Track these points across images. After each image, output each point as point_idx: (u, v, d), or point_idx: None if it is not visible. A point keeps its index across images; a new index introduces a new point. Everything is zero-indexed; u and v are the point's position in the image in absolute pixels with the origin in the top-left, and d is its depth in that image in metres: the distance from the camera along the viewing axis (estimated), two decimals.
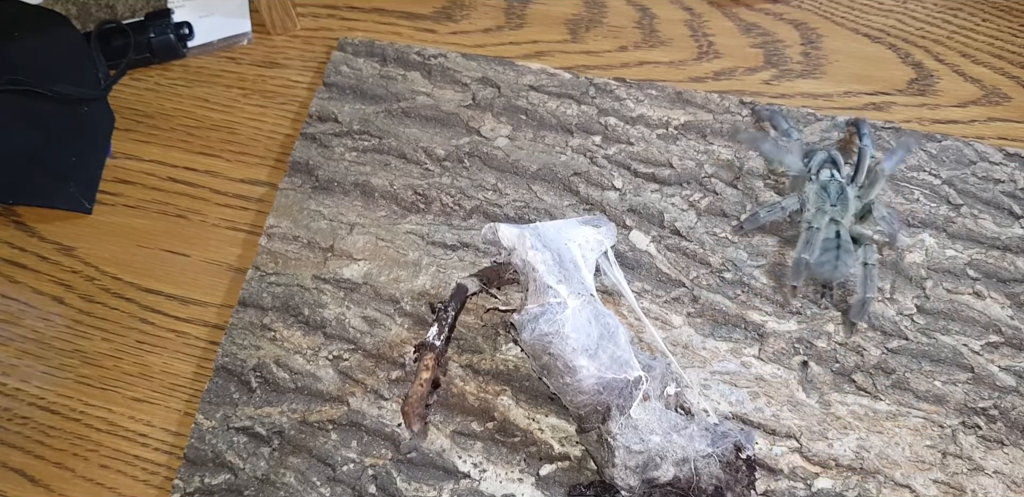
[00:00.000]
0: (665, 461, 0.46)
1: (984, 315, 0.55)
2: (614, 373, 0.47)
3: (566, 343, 0.46)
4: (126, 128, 0.68)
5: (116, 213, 0.64)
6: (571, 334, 0.46)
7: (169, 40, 0.68)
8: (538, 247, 0.48)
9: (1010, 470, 0.50)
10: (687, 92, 0.63)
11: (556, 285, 0.47)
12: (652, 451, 0.47)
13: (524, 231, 0.49)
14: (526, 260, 0.48)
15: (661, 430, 0.47)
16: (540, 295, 0.47)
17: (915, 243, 0.57)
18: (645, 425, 0.47)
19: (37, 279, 0.62)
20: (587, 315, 0.47)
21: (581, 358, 0.46)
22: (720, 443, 0.48)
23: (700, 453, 0.47)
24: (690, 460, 0.47)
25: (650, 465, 0.47)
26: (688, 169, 0.61)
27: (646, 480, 0.47)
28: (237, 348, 0.57)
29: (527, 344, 0.47)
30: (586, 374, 0.46)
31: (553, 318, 0.46)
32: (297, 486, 0.53)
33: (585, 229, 0.51)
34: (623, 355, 0.47)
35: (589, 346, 0.47)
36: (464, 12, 0.70)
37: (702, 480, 0.47)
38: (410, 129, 0.64)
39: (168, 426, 0.57)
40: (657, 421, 0.47)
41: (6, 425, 0.58)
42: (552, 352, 0.46)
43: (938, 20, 0.67)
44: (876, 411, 0.52)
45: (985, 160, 0.60)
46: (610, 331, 0.48)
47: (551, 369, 0.47)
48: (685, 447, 0.47)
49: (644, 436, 0.46)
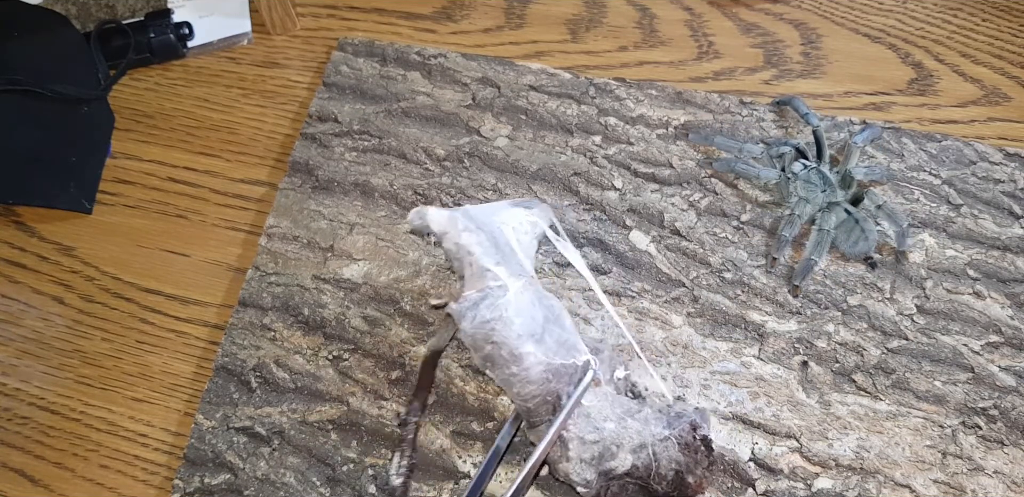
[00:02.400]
0: (621, 449, 0.44)
1: (984, 315, 0.55)
2: (562, 358, 0.44)
3: (510, 329, 0.43)
4: (126, 128, 0.68)
5: (116, 213, 0.64)
6: (515, 318, 0.43)
7: (169, 40, 0.68)
8: (471, 228, 0.45)
9: (1010, 470, 0.50)
10: (687, 92, 0.63)
11: (494, 267, 0.44)
12: (607, 439, 0.44)
13: (455, 214, 0.46)
14: (459, 243, 0.45)
15: (615, 416, 0.44)
16: (478, 279, 0.44)
17: (915, 243, 0.57)
18: (598, 412, 0.44)
19: (37, 279, 0.62)
20: (530, 297, 0.44)
21: (527, 344, 0.43)
22: (676, 424, 0.45)
23: (657, 437, 0.44)
24: (647, 445, 0.44)
25: (606, 455, 0.44)
26: (688, 169, 0.61)
27: (603, 472, 0.44)
28: (237, 348, 0.57)
29: (468, 334, 0.44)
30: (533, 361, 0.43)
31: (495, 303, 0.43)
32: (297, 486, 0.53)
33: (517, 211, 0.49)
34: (570, 338, 0.45)
35: (535, 331, 0.44)
36: (464, 12, 0.70)
37: (661, 466, 0.44)
38: (410, 129, 0.64)
39: (168, 426, 0.57)
40: (610, 407, 0.45)
41: (6, 425, 0.58)
42: (496, 340, 0.43)
43: (938, 20, 0.67)
44: (876, 411, 0.52)
45: (985, 160, 0.60)
46: (555, 314, 0.45)
47: (495, 359, 0.44)
48: (641, 431, 0.44)
49: (598, 424, 0.44)
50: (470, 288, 0.44)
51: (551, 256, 0.58)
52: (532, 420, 0.45)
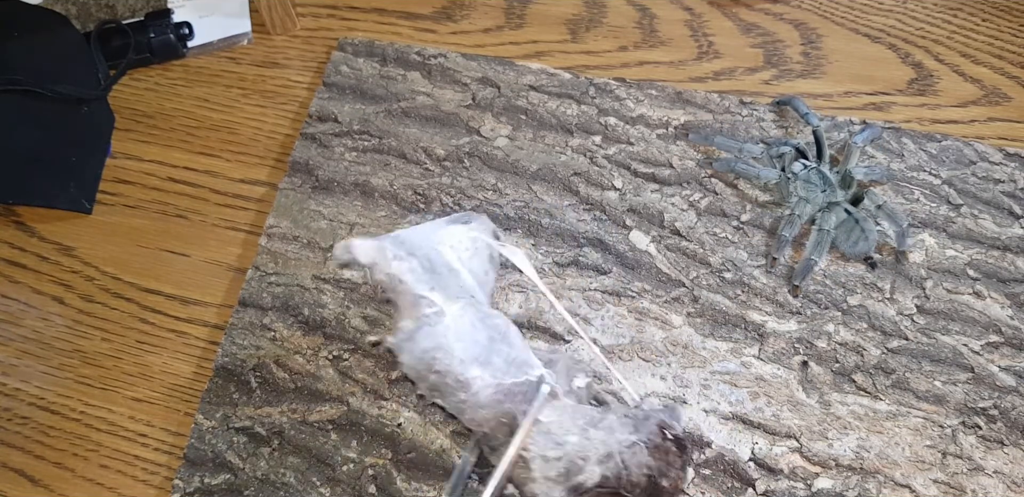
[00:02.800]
0: (588, 461, 0.42)
1: (984, 315, 0.55)
2: (513, 377, 0.42)
3: (452, 356, 0.42)
4: (126, 128, 0.68)
5: (116, 213, 0.64)
6: (455, 344, 0.42)
7: (169, 40, 0.68)
8: (402, 256, 0.44)
9: (1010, 470, 0.50)
10: (687, 92, 0.63)
11: (429, 293, 0.43)
12: (571, 454, 0.42)
13: (383, 242, 0.44)
14: (390, 273, 0.43)
15: (577, 428, 0.42)
16: (413, 307, 0.43)
17: (915, 243, 0.57)
18: (559, 427, 0.42)
19: (37, 279, 0.62)
20: (470, 319, 0.43)
21: (472, 368, 0.42)
22: (643, 427, 0.44)
23: (623, 444, 0.43)
24: (614, 454, 0.42)
25: (572, 470, 0.42)
26: (688, 169, 0.61)
27: (572, 488, 0.42)
28: (237, 348, 0.57)
29: (410, 367, 0.43)
30: (481, 385, 0.42)
31: (432, 331, 0.42)
32: (297, 486, 0.53)
33: (454, 229, 0.47)
34: (519, 355, 0.43)
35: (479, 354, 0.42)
36: (464, 12, 0.70)
37: (632, 473, 0.42)
38: (410, 129, 0.64)
39: (168, 426, 0.57)
40: (571, 419, 0.43)
41: (6, 425, 0.58)
42: (439, 369, 0.42)
43: (938, 20, 0.67)
44: (876, 411, 0.52)
45: (985, 160, 0.60)
46: (500, 332, 0.44)
47: (442, 388, 0.43)
48: (606, 441, 0.43)
49: (560, 439, 0.42)
50: (406, 317, 0.43)
51: (551, 256, 0.58)
52: (491, 444, 0.44)
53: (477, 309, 0.44)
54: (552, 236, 0.59)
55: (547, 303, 0.56)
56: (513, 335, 0.44)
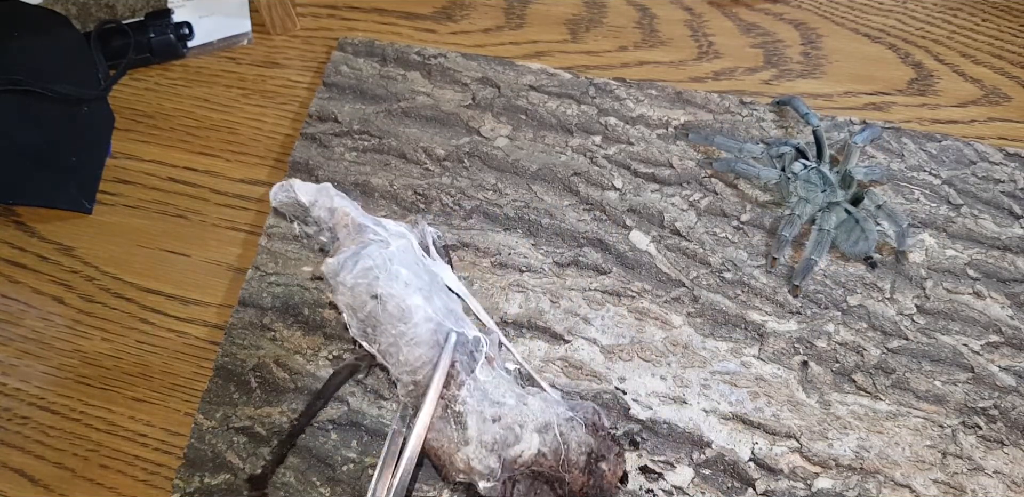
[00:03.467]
0: (525, 428, 0.39)
1: (984, 315, 0.55)
2: (453, 323, 0.39)
3: (396, 278, 0.38)
4: (126, 128, 0.68)
5: (116, 213, 0.64)
6: (401, 269, 0.39)
7: (169, 40, 0.68)
8: (344, 195, 0.42)
9: (1010, 470, 0.50)
10: (687, 92, 0.63)
11: (375, 226, 0.41)
12: (509, 418, 0.39)
13: (324, 184, 0.43)
14: (333, 208, 0.41)
15: (514, 394, 0.40)
16: (357, 235, 0.40)
17: (915, 243, 0.57)
18: (495, 388, 0.40)
19: (37, 279, 0.62)
20: (413, 258, 0.40)
21: (415, 296, 0.39)
22: (579, 409, 0.42)
23: (562, 417, 0.40)
24: (553, 425, 0.40)
25: (509, 438, 0.39)
26: (688, 169, 0.61)
27: (508, 460, 0.39)
28: (237, 348, 0.57)
29: (348, 288, 0.39)
30: (423, 317, 0.39)
31: (378, 251, 0.39)
32: (297, 486, 0.53)
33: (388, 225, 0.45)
34: (457, 309, 0.41)
35: (423, 286, 0.39)
36: (464, 12, 0.70)
37: (571, 450, 0.40)
38: (410, 129, 0.64)
39: (168, 426, 0.57)
40: (507, 386, 0.41)
41: (6, 425, 0.58)
42: (379, 292, 0.38)
43: (938, 20, 0.67)
44: (876, 411, 0.52)
45: (985, 160, 0.60)
46: (439, 284, 0.41)
47: (379, 318, 0.39)
48: (544, 410, 0.40)
49: (497, 399, 0.39)
50: (348, 245, 0.40)
51: (551, 256, 0.58)
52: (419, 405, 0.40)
53: (416, 255, 0.41)
54: (552, 236, 0.59)
55: (547, 303, 0.56)
56: (451, 293, 0.41)
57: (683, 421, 0.52)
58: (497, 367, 0.41)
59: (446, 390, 0.38)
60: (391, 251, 0.39)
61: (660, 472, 0.51)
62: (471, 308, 0.49)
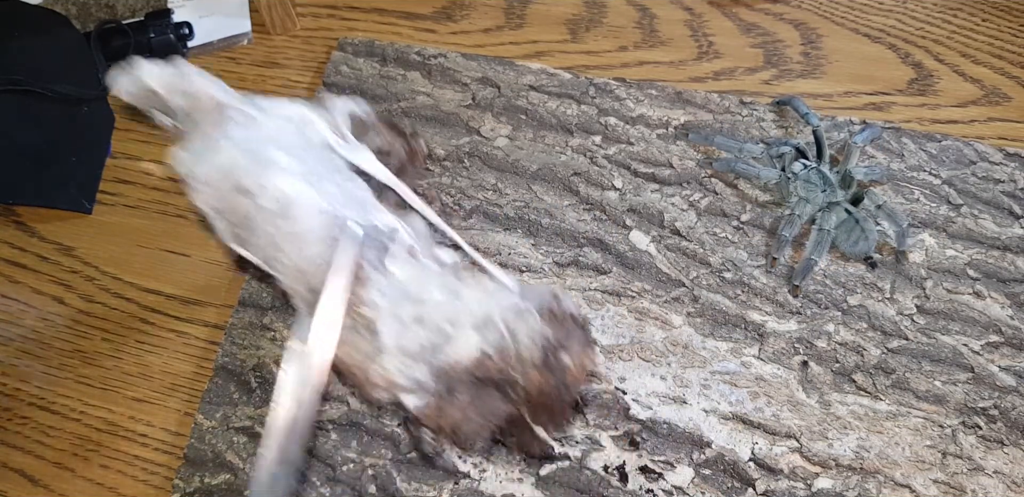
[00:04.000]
0: (459, 326, 0.31)
1: (984, 315, 0.55)
2: (357, 213, 0.32)
3: (269, 164, 0.30)
4: (126, 128, 0.68)
5: (116, 213, 0.64)
6: (275, 152, 0.31)
7: (169, 40, 0.68)
8: (206, 74, 0.34)
9: (1010, 470, 0.50)
10: (687, 92, 0.63)
11: (244, 106, 0.32)
12: (435, 316, 0.31)
13: (178, 62, 0.34)
14: (190, 91, 0.32)
15: (443, 287, 0.32)
16: (219, 118, 0.31)
17: (915, 243, 0.57)
18: (417, 283, 0.31)
19: (37, 279, 0.62)
20: (300, 141, 0.32)
21: (296, 182, 0.30)
22: (531, 294, 0.33)
23: (506, 307, 0.32)
24: (495, 320, 0.31)
25: (438, 341, 0.31)
26: (688, 169, 0.61)
27: (440, 368, 0.31)
28: (237, 348, 0.57)
29: (206, 185, 0.31)
30: (309, 208, 0.30)
31: (242, 133, 0.31)
32: (297, 486, 0.53)
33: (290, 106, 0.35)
34: (367, 197, 0.33)
35: (309, 171, 0.31)
36: (464, 12, 0.70)
37: (521, 344, 0.31)
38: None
39: (168, 426, 0.57)
40: (439, 278, 0.32)
41: (6, 425, 0.58)
42: (247, 185, 0.29)
43: (938, 20, 0.67)
44: (876, 411, 0.52)
45: (985, 160, 0.60)
46: (346, 171, 0.33)
47: (251, 215, 0.31)
48: (484, 302, 0.32)
49: (418, 296, 0.31)
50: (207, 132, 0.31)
51: (551, 256, 0.58)
52: None
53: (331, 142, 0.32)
54: (552, 236, 0.59)
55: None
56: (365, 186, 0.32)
57: (683, 421, 0.52)
58: (423, 258, 0.33)
59: (351, 294, 0.30)
60: (262, 134, 0.31)
61: (660, 472, 0.51)
62: (401, 194, 0.39)
